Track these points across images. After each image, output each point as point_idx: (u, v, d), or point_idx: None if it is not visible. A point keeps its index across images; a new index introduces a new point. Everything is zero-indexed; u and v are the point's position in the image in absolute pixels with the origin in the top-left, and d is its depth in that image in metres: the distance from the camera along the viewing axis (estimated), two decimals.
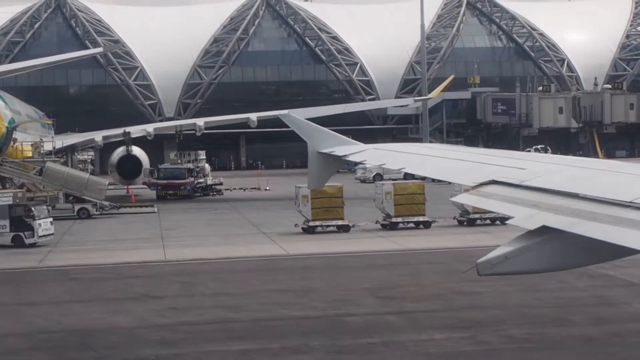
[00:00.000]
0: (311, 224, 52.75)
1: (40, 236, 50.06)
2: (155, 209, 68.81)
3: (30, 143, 70.44)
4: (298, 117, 26.17)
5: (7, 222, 50.29)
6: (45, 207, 54.02)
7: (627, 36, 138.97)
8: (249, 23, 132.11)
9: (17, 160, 66.78)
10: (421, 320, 29.64)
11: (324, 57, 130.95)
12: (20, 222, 50.29)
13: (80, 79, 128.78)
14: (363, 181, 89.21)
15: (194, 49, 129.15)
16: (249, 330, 28.69)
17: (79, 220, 62.75)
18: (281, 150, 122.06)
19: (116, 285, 37.90)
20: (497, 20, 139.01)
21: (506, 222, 13.64)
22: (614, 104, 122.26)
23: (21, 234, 49.79)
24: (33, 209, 50.77)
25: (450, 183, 38.38)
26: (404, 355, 25.49)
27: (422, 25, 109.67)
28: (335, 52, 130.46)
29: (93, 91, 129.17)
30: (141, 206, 70.54)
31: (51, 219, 52.08)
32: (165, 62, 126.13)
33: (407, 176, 63.06)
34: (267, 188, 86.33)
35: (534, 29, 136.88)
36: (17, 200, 52.04)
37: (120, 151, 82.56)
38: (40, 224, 50.29)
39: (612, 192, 12.76)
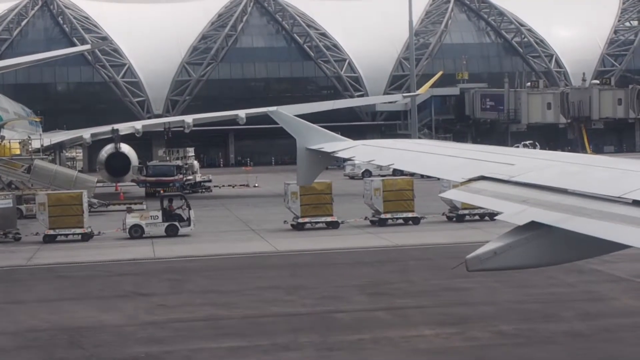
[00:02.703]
0: (300, 220, 52.74)
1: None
2: (144, 207, 68.64)
3: (18, 141, 70.27)
4: (287, 114, 26.06)
5: (159, 213, 51.40)
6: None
7: (615, 31, 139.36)
8: (237, 20, 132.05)
9: (5, 158, 66.59)
10: (411, 316, 29.64)
11: (312, 54, 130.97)
12: (171, 211, 51.62)
13: (68, 77, 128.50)
14: (352, 177, 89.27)
15: (182, 45, 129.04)
16: (239, 327, 28.64)
17: None
18: (270, 147, 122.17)
19: (105, 283, 37.80)
20: (485, 16, 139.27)
21: (495, 217, 13.63)
22: (602, 100, 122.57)
23: (176, 223, 51.00)
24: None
25: (439, 179, 38.43)
26: (393, 351, 25.48)
27: (410, 22, 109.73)
28: (323, 49, 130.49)
29: (81, 88, 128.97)
30: (130, 203, 70.35)
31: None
32: (153, 59, 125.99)
33: (396, 172, 63.10)
34: (256, 185, 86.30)
35: (522, 25, 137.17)
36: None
37: (108, 148, 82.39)
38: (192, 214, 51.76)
39: (600, 187, 12.77)
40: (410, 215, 54.04)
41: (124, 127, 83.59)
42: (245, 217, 60.60)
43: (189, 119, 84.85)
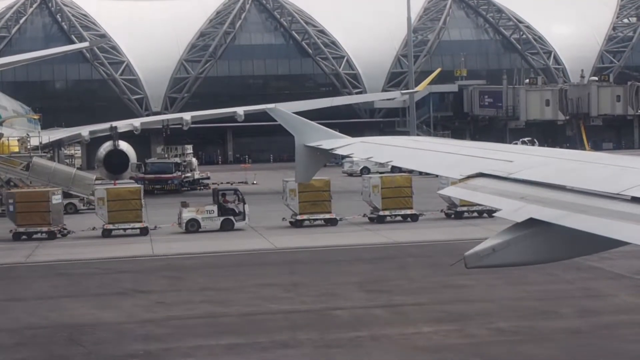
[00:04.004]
0: (299, 217, 52.74)
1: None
2: (143, 204, 68.56)
3: (17, 138, 70.21)
4: (285, 111, 26.05)
5: (215, 208, 51.74)
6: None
7: (614, 28, 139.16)
8: (235, 17, 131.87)
9: (4, 155, 66.54)
10: (409, 313, 29.67)
11: (310, 51, 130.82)
12: (226, 206, 51.99)
13: (66, 74, 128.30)
14: (350, 175, 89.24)
15: (180, 43, 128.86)
16: (237, 325, 28.65)
17: (66, 215, 62.47)
18: (268, 144, 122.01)
19: (104, 281, 37.82)
20: (484, 13, 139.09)
21: (493, 214, 13.63)
22: (600, 96, 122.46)
23: (231, 218, 51.41)
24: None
25: (437, 176, 38.41)
26: (392, 348, 25.49)
27: (409, 18, 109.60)
28: (321, 46, 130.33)
29: (79, 86, 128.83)
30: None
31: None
32: (152, 57, 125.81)
33: (395, 169, 63.08)
34: (255, 182, 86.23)
35: (520, 22, 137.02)
36: None
37: (107, 146, 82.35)
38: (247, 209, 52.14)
39: (599, 184, 12.75)
40: (408, 212, 54.05)
41: (123, 125, 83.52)
42: None
43: (187, 116, 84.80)
